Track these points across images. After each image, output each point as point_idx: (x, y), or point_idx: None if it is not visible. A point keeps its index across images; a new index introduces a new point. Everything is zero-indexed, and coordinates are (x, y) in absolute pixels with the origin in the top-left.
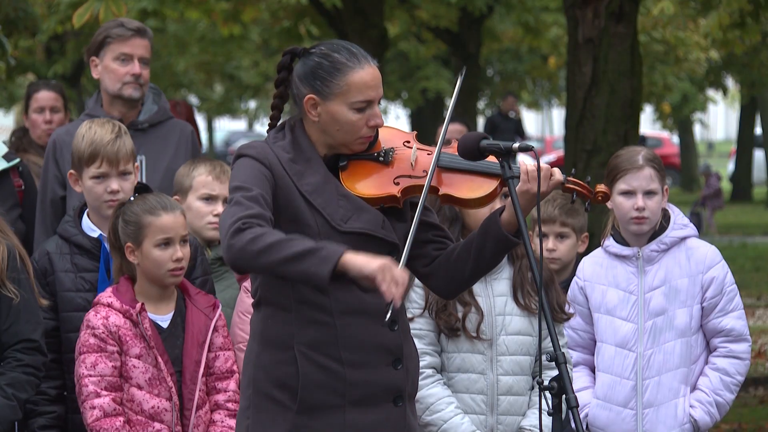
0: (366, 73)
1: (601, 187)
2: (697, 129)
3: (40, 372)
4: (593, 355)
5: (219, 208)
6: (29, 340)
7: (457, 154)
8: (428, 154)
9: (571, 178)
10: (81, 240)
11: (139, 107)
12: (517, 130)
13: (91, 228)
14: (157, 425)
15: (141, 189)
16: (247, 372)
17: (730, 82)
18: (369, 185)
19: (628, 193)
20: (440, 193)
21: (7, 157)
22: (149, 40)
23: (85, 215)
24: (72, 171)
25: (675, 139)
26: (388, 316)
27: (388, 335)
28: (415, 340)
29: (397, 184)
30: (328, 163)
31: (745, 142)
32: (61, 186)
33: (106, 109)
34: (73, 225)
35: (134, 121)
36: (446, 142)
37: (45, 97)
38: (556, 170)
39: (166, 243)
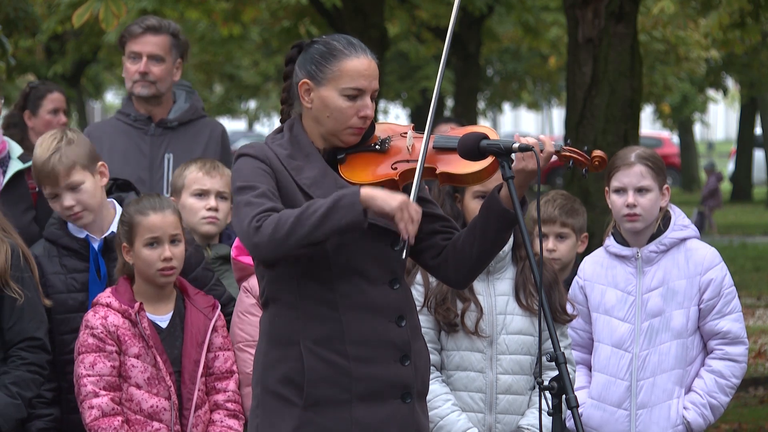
0: (360, 62)
1: (598, 153)
2: (697, 129)
3: (44, 370)
4: (591, 354)
5: (211, 201)
6: (33, 338)
7: (451, 134)
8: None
9: (566, 147)
10: (68, 242)
11: (168, 105)
12: None
13: (77, 229)
14: (156, 424)
15: (123, 186)
16: (256, 372)
17: (730, 83)
18: (368, 172)
19: (620, 191)
20: (437, 172)
21: (22, 158)
22: (168, 35)
23: None
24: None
25: (675, 139)
26: (404, 252)
27: (395, 331)
28: None
29: (395, 168)
30: (327, 157)
31: (745, 142)
32: None
33: (136, 107)
34: (58, 227)
35: (163, 119)
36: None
37: (58, 98)
38: (548, 141)
39: (155, 242)
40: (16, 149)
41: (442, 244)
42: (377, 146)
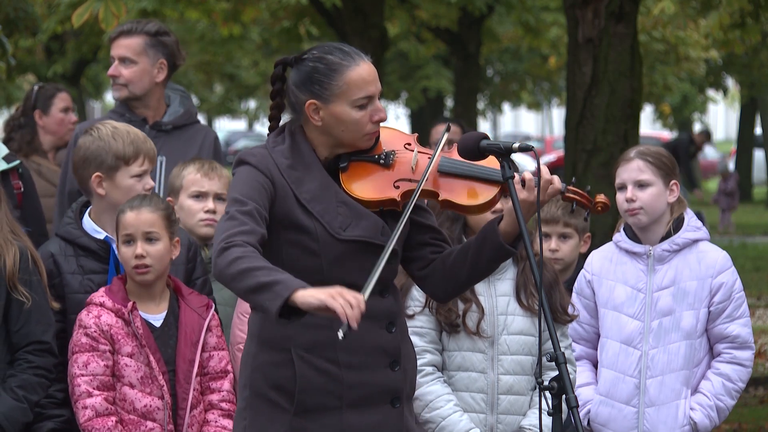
0: (362, 69)
1: (601, 198)
2: (697, 129)
3: (50, 374)
4: (596, 349)
5: (209, 204)
6: (40, 341)
7: (458, 159)
8: (429, 157)
9: (571, 188)
10: (86, 242)
11: (159, 107)
12: (688, 156)
13: (95, 229)
14: (150, 424)
15: None
16: (244, 373)
17: (730, 83)
18: (369, 188)
19: (622, 187)
20: (440, 198)
21: (7, 159)
22: (142, 36)
23: (86, 215)
24: (99, 173)
25: None
26: (340, 334)
27: (385, 337)
28: (416, 338)
29: (397, 187)
30: (329, 165)
31: (745, 142)
32: None
33: (132, 109)
34: (75, 227)
35: (158, 122)
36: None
37: (67, 97)
38: (556, 179)
39: (129, 240)
40: (2, 150)
41: (431, 257)
42: (381, 160)
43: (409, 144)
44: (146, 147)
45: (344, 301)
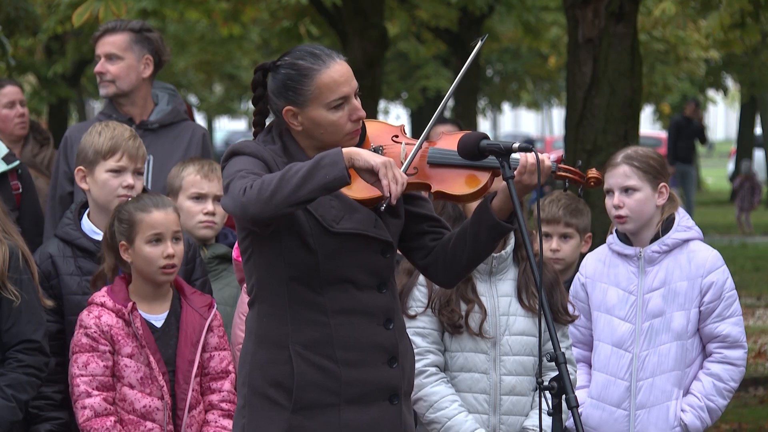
0: (333, 71)
1: (593, 172)
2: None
3: (41, 372)
4: (592, 352)
5: (209, 206)
6: (30, 340)
7: (447, 148)
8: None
9: (561, 165)
10: (85, 243)
11: (147, 105)
12: (698, 134)
13: (93, 231)
14: (149, 424)
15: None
16: (243, 371)
17: (730, 83)
18: (361, 187)
19: (609, 192)
20: (433, 190)
21: (7, 159)
22: (126, 32)
23: (85, 216)
24: (81, 167)
25: None
26: (383, 207)
27: (383, 334)
28: (419, 339)
29: None
30: None
31: (745, 142)
32: (69, 182)
33: (116, 108)
34: (74, 227)
35: (144, 121)
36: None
37: (11, 91)
38: (546, 160)
39: (157, 240)
40: (2, 150)
41: (431, 245)
42: None
43: (397, 136)
44: (128, 144)
45: (393, 176)
